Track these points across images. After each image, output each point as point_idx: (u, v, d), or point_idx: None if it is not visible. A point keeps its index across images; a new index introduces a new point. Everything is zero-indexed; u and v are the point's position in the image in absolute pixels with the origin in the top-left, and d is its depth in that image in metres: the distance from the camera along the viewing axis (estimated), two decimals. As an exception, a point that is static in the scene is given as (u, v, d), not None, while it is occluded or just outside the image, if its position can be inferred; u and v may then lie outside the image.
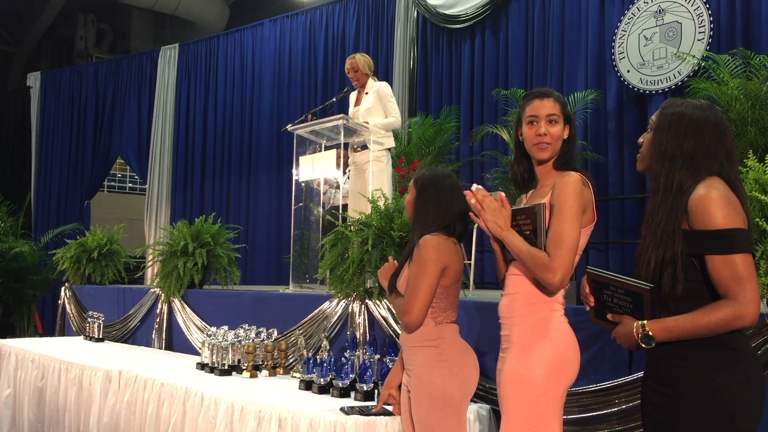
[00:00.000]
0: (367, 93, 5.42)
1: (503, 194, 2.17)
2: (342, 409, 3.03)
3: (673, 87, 6.21)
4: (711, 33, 6.05)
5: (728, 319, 1.74)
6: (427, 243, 2.38)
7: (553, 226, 2.03)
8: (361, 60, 5.42)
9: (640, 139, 2.00)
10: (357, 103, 5.51)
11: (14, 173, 12.51)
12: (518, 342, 2.11)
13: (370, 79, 5.47)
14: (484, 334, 3.22)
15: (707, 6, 6.10)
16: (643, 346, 1.82)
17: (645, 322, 1.82)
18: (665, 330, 1.79)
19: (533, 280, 2.08)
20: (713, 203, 1.78)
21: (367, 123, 5.22)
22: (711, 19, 6.07)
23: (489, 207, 2.10)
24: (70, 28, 15.79)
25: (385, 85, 5.47)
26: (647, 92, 6.41)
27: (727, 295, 1.76)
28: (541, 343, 2.06)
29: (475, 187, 2.14)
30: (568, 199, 2.02)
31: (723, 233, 1.76)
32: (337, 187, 5.50)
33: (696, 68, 5.99)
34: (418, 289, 2.34)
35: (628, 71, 6.56)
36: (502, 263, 2.24)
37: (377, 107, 5.34)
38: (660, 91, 6.31)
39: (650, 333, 1.80)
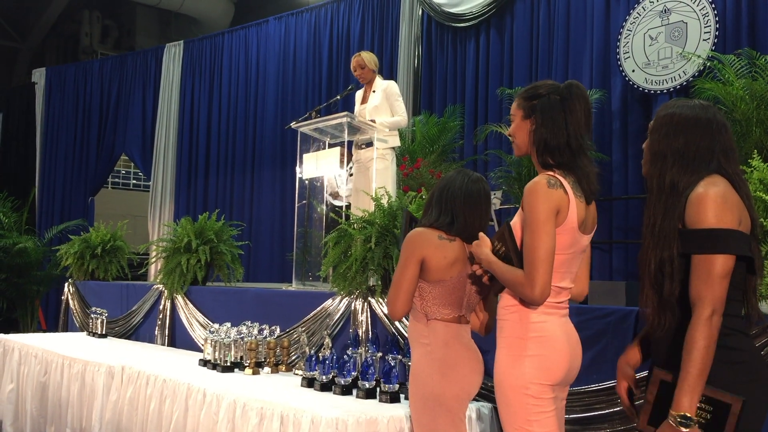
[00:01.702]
0: (374, 91, 5.41)
1: (482, 234, 2.23)
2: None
3: (678, 87, 6.19)
4: (716, 33, 6.03)
5: (710, 337, 1.73)
6: (407, 236, 2.44)
7: (525, 240, 2.03)
8: (367, 57, 5.41)
9: (645, 144, 2.00)
10: (364, 100, 5.50)
11: (19, 169, 12.53)
12: (501, 344, 2.14)
13: (377, 76, 5.46)
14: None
15: (713, 6, 6.08)
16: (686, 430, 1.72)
17: (672, 412, 1.74)
18: (689, 393, 1.72)
19: None
20: (707, 201, 1.78)
21: (374, 121, 5.21)
22: (717, 19, 6.04)
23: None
24: (75, 24, 15.82)
25: (393, 84, 5.46)
26: (652, 92, 6.39)
27: (694, 300, 1.76)
28: (520, 344, 2.07)
29: None
30: (532, 209, 2.01)
31: (709, 233, 1.76)
32: (340, 190, 5.50)
33: (701, 68, 5.96)
34: (396, 280, 2.40)
35: (633, 71, 6.55)
36: None
37: (384, 105, 5.33)
38: (665, 91, 6.29)
39: (682, 412, 1.72)
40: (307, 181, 5.55)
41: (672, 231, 1.81)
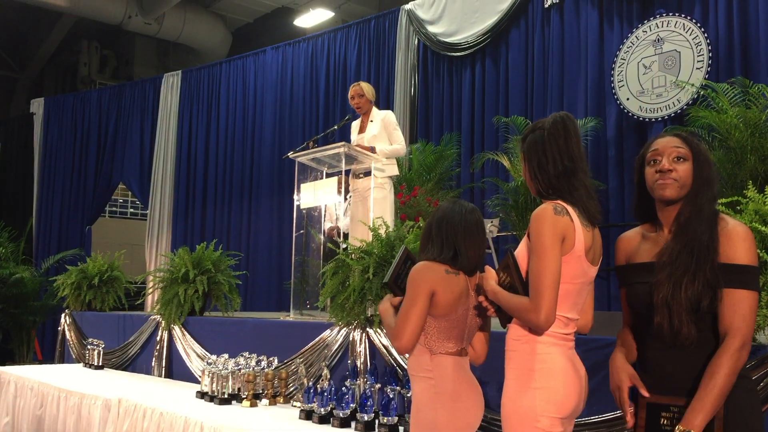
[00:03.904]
0: (372, 121, 5.46)
1: (488, 266, 2.23)
2: None
3: (673, 115, 6.25)
4: (710, 62, 6.10)
5: (735, 367, 1.77)
6: (414, 269, 2.40)
7: (531, 266, 2.03)
8: (365, 87, 5.48)
9: (668, 165, 1.96)
10: (361, 130, 5.54)
11: (16, 199, 12.55)
12: (510, 375, 2.12)
13: (373, 107, 5.52)
14: (485, 363, 3.21)
15: (705, 35, 6.15)
16: None
17: (679, 427, 1.77)
18: (702, 414, 1.75)
19: None
20: (740, 237, 1.84)
21: (374, 149, 5.24)
22: (709, 48, 6.12)
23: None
24: (73, 54, 15.92)
25: (390, 113, 5.52)
26: (647, 120, 6.45)
27: (727, 331, 1.79)
28: (528, 376, 2.05)
29: None
30: (539, 235, 2.02)
31: (745, 269, 1.81)
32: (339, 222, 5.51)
33: (695, 96, 6.03)
34: (404, 313, 2.35)
35: (628, 99, 6.61)
36: None
37: (383, 135, 5.38)
38: (659, 119, 6.35)
39: (692, 430, 1.75)
40: (304, 211, 5.56)
41: (715, 251, 1.84)
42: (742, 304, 1.78)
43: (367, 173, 5.32)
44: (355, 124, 5.68)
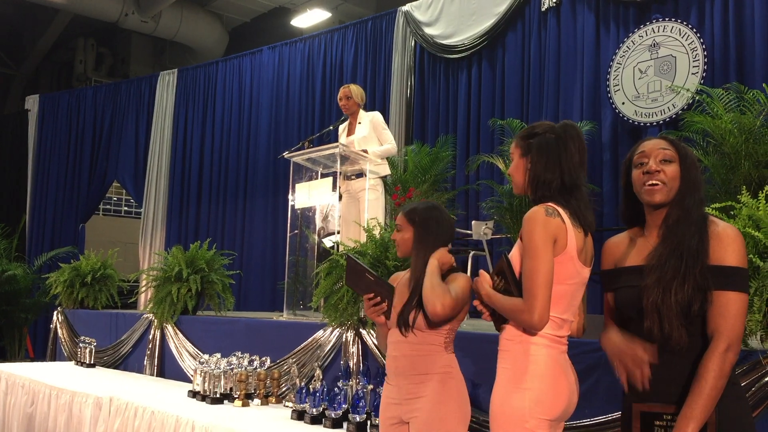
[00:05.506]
0: (360, 123, 5.50)
1: (482, 271, 2.23)
2: None
3: (668, 120, 6.26)
4: (705, 67, 6.12)
5: (721, 370, 1.75)
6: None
7: (523, 267, 2.04)
8: (354, 89, 5.53)
9: (655, 167, 1.96)
10: (350, 132, 5.57)
11: (10, 196, 12.50)
12: (501, 374, 2.13)
13: (360, 110, 5.57)
14: (478, 365, 3.21)
15: (701, 41, 6.17)
16: None
17: None
18: (693, 422, 1.74)
19: None
20: (731, 239, 1.83)
21: (366, 151, 5.26)
22: (705, 53, 6.13)
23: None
24: (69, 51, 15.87)
25: (378, 114, 5.57)
26: (642, 124, 6.46)
27: (713, 333, 1.78)
28: (519, 376, 2.06)
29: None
30: (531, 236, 2.03)
31: (734, 271, 1.80)
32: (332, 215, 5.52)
33: (690, 101, 6.04)
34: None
35: (623, 103, 6.62)
36: None
37: (372, 136, 5.41)
38: (655, 123, 6.36)
39: None
40: (299, 211, 5.56)
41: (705, 254, 1.83)
42: (730, 306, 1.78)
43: (359, 175, 5.34)
44: (342, 127, 5.70)
